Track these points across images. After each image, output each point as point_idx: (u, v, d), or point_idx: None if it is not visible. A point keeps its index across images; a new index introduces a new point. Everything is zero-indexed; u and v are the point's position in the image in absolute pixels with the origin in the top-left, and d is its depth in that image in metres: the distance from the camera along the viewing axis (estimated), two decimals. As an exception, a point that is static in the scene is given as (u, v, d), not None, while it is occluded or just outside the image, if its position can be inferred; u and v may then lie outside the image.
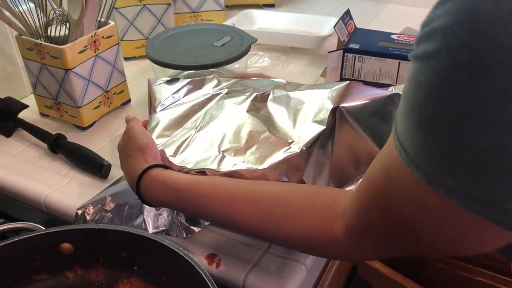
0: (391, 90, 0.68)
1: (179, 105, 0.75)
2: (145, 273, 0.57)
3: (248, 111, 0.70)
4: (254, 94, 0.72)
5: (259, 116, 0.69)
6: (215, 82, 0.79)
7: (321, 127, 0.63)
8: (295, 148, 0.62)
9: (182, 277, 0.54)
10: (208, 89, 0.77)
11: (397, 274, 0.94)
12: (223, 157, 0.64)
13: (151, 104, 0.76)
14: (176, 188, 0.57)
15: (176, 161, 0.65)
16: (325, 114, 0.64)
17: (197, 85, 0.78)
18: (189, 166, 0.64)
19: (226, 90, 0.75)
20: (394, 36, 1.02)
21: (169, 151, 0.67)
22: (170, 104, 0.75)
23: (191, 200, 0.57)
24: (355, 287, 0.99)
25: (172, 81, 0.79)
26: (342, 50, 0.98)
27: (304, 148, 0.62)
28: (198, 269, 0.51)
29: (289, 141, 0.64)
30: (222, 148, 0.66)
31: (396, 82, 0.97)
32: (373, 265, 0.97)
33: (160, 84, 0.78)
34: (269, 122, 0.67)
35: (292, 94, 0.70)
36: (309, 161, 0.63)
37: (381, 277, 0.95)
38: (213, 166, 0.63)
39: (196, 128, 0.70)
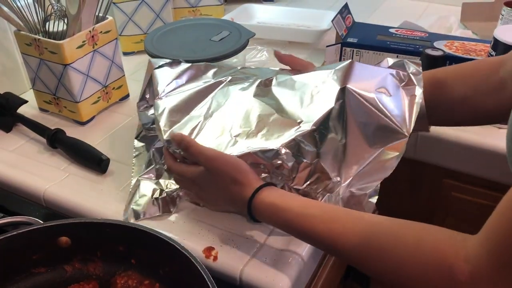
0: (386, 64, 0.71)
1: (183, 91, 0.75)
2: (143, 266, 0.58)
3: (254, 96, 0.70)
4: (258, 80, 0.73)
5: (266, 100, 0.69)
6: (215, 68, 0.80)
7: (329, 106, 0.64)
8: (306, 127, 0.64)
9: (179, 270, 0.54)
10: (210, 75, 0.78)
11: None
12: (235, 142, 0.65)
13: (151, 86, 0.76)
14: (284, 208, 0.57)
15: None
16: (332, 94, 0.65)
17: (199, 70, 0.79)
18: None
19: (230, 78, 0.76)
20: (392, 30, 1.02)
21: None
22: (173, 89, 0.75)
23: (298, 219, 0.56)
24: (354, 280, 0.99)
25: (173, 63, 0.79)
26: (340, 44, 0.98)
27: (314, 126, 0.63)
28: (194, 262, 0.52)
29: (298, 120, 0.65)
30: (234, 133, 0.66)
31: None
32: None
33: (161, 67, 0.78)
34: (276, 105, 0.68)
35: (296, 77, 0.71)
36: (324, 144, 0.64)
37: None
38: (228, 151, 0.64)
39: (204, 115, 0.70)
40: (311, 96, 0.67)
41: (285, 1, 1.37)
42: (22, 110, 0.89)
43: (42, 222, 0.59)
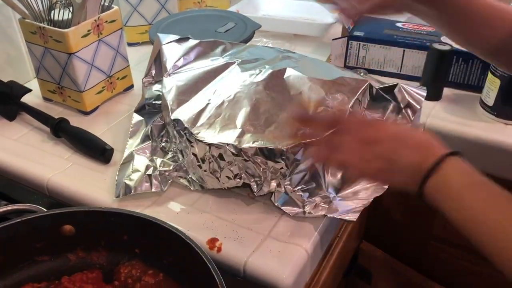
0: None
1: (192, 69, 0.75)
2: (147, 256, 0.57)
3: (265, 88, 0.70)
4: (270, 70, 0.72)
5: (276, 96, 0.69)
6: (224, 45, 0.80)
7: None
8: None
9: (183, 260, 0.54)
10: (218, 52, 0.78)
11: (397, 263, 0.94)
12: (243, 133, 0.65)
13: (158, 62, 0.76)
14: (475, 183, 0.51)
15: (194, 131, 0.67)
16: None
17: (207, 46, 0.79)
18: (209, 140, 0.65)
19: (239, 60, 0.76)
20: (399, 24, 1.02)
21: (187, 121, 0.68)
22: (181, 66, 0.76)
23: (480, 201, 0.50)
24: (356, 275, 0.99)
25: (181, 40, 0.79)
26: (346, 38, 0.98)
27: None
28: (199, 252, 0.51)
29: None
30: (241, 124, 0.67)
31: (400, 70, 0.97)
32: (373, 253, 0.97)
33: (169, 43, 0.78)
34: (287, 102, 0.68)
35: (311, 79, 0.71)
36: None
37: (381, 265, 0.95)
38: (234, 141, 0.64)
39: (213, 100, 0.70)
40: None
41: (291, -6, 1.36)
42: (26, 99, 0.89)
43: (45, 210, 0.58)
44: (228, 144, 0.64)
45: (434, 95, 0.89)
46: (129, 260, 0.58)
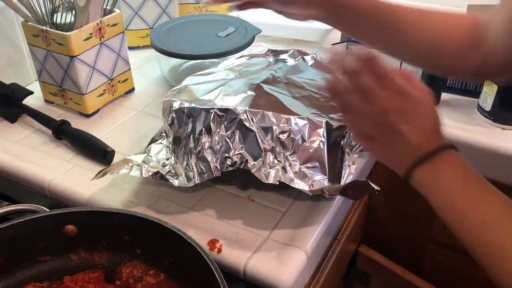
0: None
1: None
2: (148, 256, 0.58)
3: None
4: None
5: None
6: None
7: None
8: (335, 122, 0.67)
9: (184, 260, 0.55)
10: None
11: (396, 266, 0.95)
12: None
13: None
14: (468, 183, 0.50)
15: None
16: None
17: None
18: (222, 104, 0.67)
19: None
20: (397, 30, 1.03)
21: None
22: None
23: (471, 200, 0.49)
24: (355, 278, 1.00)
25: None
26: (346, 42, 0.99)
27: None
28: (201, 252, 0.52)
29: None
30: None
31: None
32: (372, 256, 0.97)
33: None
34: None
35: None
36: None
37: (380, 268, 0.96)
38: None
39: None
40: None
41: None
42: (28, 101, 0.89)
43: (47, 210, 0.59)
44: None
45: (432, 100, 0.90)
46: (131, 260, 0.58)
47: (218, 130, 0.65)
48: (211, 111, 0.65)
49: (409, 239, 1.01)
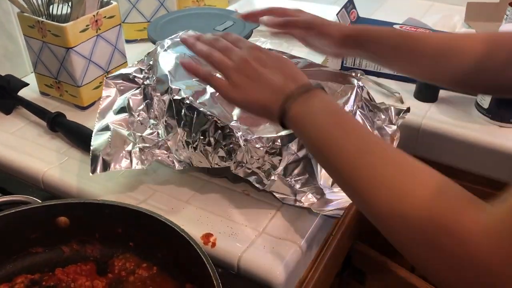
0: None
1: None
2: (141, 249, 0.58)
3: None
4: None
5: None
6: None
7: None
8: None
9: (177, 253, 0.54)
10: None
11: (391, 263, 0.95)
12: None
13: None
14: (340, 111, 0.54)
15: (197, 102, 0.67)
16: None
17: None
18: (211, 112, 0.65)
19: None
20: (396, 26, 1.02)
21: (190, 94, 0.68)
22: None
23: (345, 126, 0.52)
24: (350, 275, 0.99)
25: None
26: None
27: None
28: (194, 245, 0.51)
29: None
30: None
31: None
32: (367, 253, 0.97)
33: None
34: None
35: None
36: None
37: (375, 265, 0.96)
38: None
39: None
40: None
41: (290, -5, 1.36)
42: (23, 93, 0.89)
43: (40, 201, 0.58)
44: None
45: (429, 97, 0.90)
46: (123, 253, 0.58)
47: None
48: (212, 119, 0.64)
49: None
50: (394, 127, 0.75)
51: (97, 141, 0.67)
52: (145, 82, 0.74)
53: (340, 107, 0.57)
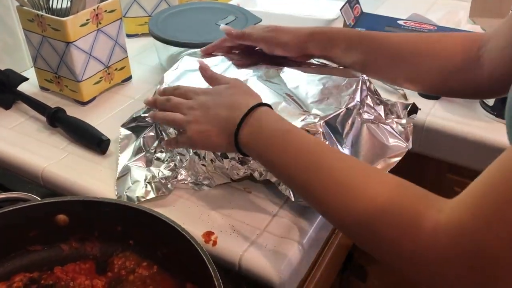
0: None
1: (190, 74, 0.75)
2: (141, 247, 0.57)
3: (265, 80, 0.71)
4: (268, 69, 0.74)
5: (275, 87, 0.70)
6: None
7: (338, 109, 0.66)
8: (312, 118, 0.64)
9: (178, 252, 0.53)
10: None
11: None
12: None
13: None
14: (289, 128, 0.56)
15: None
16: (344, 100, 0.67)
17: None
18: None
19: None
20: (400, 22, 1.01)
21: None
22: (180, 75, 0.76)
23: (308, 146, 0.54)
24: (352, 273, 0.99)
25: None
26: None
27: (322, 121, 0.64)
28: (194, 244, 0.51)
29: (305, 110, 0.66)
30: None
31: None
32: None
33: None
34: (285, 93, 0.69)
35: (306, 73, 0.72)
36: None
37: (376, 263, 0.95)
38: None
39: None
40: (322, 94, 0.68)
41: (293, -10, 1.35)
42: (23, 87, 0.88)
43: (39, 198, 0.58)
44: None
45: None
46: (123, 252, 0.57)
47: None
48: None
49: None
50: (404, 120, 0.73)
51: (120, 187, 0.69)
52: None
53: (285, 121, 0.57)
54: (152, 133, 0.73)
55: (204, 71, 0.67)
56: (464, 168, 0.87)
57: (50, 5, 0.83)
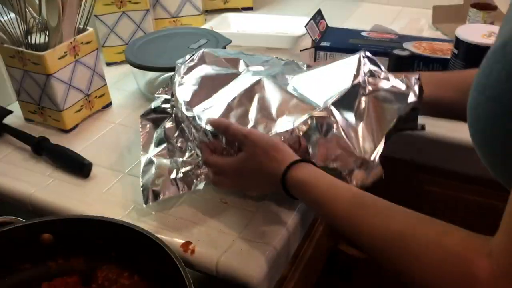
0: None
1: (203, 70, 0.78)
2: (122, 259, 0.61)
3: (275, 83, 0.73)
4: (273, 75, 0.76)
5: (283, 90, 0.72)
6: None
7: (344, 89, 0.68)
8: (322, 108, 0.67)
9: (155, 261, 0.57)
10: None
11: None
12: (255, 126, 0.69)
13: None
14: (313, 185, 0.60)
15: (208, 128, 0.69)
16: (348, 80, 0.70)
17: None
18: None
19: (253, 67, 0.79)
20: (364, 34, 1.07)
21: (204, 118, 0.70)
22: (193, 67, 0.79)
23: (324, 199, 0.58)
24: (336, 275, 1.02)
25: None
26: (313, 48, 1.02)
27: (329, 106, 0.67)
28: (168, 251, 0.55)
29: (316, 103, 0.69)
30: (254, 118, 0.69)
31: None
32: (353, 253, 1.00)
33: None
34: (294, 94, 0.72)
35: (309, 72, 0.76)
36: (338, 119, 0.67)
37: (361, 265, 0.98)
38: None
39: (229, 103, 0.72)
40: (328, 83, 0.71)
41: (264, 10, 1.41)
42: (8, 120, 0.92)
43: (23, 220, 0.61)
44: None
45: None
46: (106, 264, 0.60)
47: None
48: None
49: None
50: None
51: (145, 176, 0.73)
52: (174, 110, 0.78)
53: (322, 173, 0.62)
54: (172, 123, 0.77)
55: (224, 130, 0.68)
56: (433, 167, 0.91)
57: (29, 41, 0.88)
